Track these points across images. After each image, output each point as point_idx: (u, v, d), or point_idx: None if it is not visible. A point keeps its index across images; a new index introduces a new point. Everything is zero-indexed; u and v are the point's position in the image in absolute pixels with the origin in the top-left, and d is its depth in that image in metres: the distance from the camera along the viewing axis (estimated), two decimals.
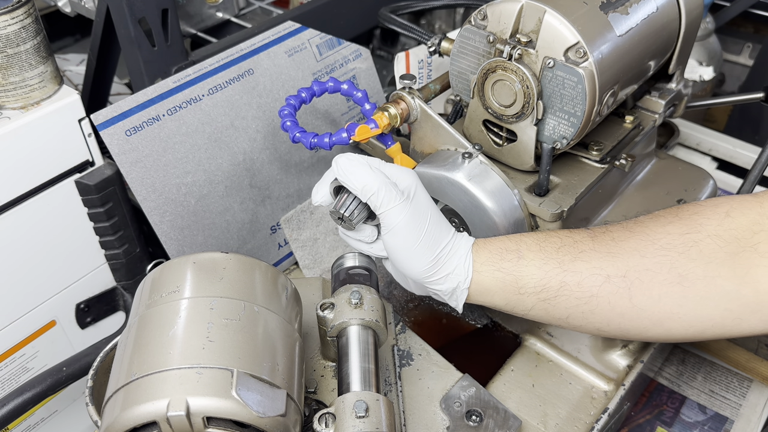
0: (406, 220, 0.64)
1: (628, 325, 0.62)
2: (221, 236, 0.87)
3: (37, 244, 0.80)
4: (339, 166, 0.65)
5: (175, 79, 0.83)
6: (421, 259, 0.66)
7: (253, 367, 0.55)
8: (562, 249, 0.64)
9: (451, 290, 0.67)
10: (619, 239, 0.63)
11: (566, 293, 0.62)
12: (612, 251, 0.62)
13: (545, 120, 0.73)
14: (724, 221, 0.59)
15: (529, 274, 0.64)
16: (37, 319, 0.84)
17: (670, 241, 0.60)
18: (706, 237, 0.59)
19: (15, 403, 0.73)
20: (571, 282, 0.62)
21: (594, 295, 0.61)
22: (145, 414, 0.51)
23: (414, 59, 1.02)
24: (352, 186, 0.65)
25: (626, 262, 0.61)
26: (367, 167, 0.65)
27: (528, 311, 0.65)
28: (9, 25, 0.70)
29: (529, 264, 0.64)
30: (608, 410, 0.76)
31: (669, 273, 0.59)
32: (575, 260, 0.63)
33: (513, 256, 0.65)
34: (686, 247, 0.59)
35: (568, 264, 0.63)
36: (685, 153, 1.23)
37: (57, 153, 0.78)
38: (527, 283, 0.64)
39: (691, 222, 0.61)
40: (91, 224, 0.84)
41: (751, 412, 0.82)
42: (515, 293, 0.65)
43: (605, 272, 0.61)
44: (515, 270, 0.64)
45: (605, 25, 0.70)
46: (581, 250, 0.63)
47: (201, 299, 0.58)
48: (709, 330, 0.60)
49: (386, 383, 0.73)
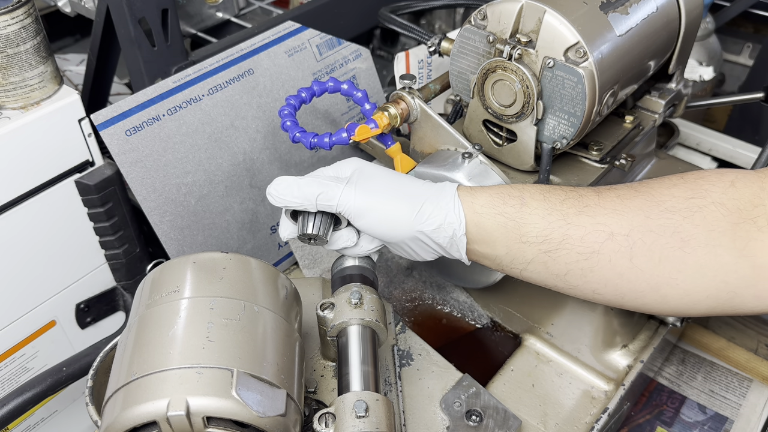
0: (363, 197, 0.64)
1: (625, 287, 0.61)
2: (221, 236, 0.87)
3: (37, 244, 0.80)
4: (272, 195, 0.65)
5: (175, 79, 0.83)
6: (402, 218, 0.64)
7: (253, 366, 0.55)
8: (566, 201, 0.62)
9: (449, 238, 0.64)
10: (625, 197, 0.61)
11: (568, 247, 0.61)
12: (617, 209, 0.61)
13: (545, 120, 0.73)
14: (728, 190, 0.58)
15: (532, 222, 0.62)
16: (37, 319, 0.84)
17: (675, 204, 0.59)
18: (711, 204, 0.58)
19: (15, 403, 0.73)
20: (574, 235, 0.61)
21: (595, 252, 0.60)
22: (145, 414, 0.51)
23: (414, 59, 1.02)
24: (294, 204, 0.65)
25: (630, 221, 0.60)
26: (294, 180, 0.65)
27: (527, 264, 0.64)
28: (9, 25, 0.70)
29: (533, 212, 0.62)
30: (608, 410, 0.76)
31: (671, 237, 0.58)
32: (579, 214, 0.61)
33: (516, 201, 0.63)
34: (690, 212, 0.58)
35: (573, 217, 0.61)
36: (685, 153, 1.23)
37: (57, 153, 0.78)
38: (529, 231, 0.62)
39: (696, 187, 0.60)
40: (91, 224, 0.84)
41: (751, 412, 0.82)
42: (517, 241, 0.63)
43: (609, 229, 0.60)
44: (518, 216, 0.63)
45: (605, 25, 0.70)
46: (586, 205, 0.62)
47: (201, 299, 0.58)
48: (703, 302, 0.59)
49: (386, 383, 0.73)
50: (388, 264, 0.94)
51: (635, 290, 0.61)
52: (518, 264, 0.64)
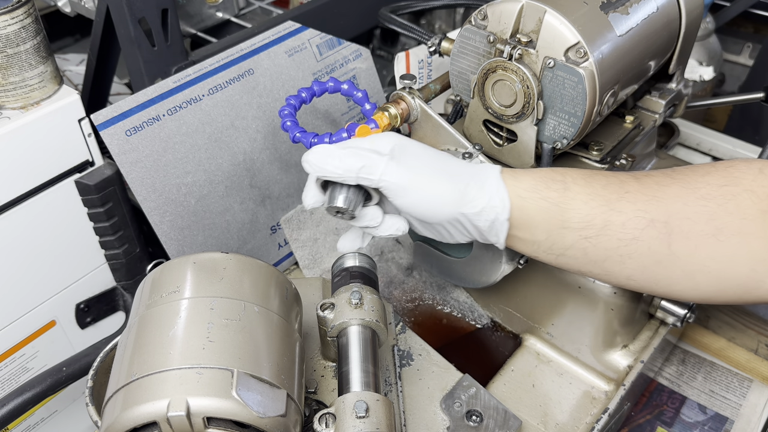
0: (407, 174, 0.62)
1: (661, 274, 0.61)
2: (221, 236, 0.87)
3: (37, 244, 0.80)
4: (311, 163, 0.63)
5: (175, 79, 0.83)
6: (446, 198, 0.63)
7: (253, 367, 0.55)
8: (608, 187, 0.62)
9: (491, 222, 0.63)
10: (663, 184, 0.62)
11: (609, 233, 0.61)
12: (657, 195, 0.61)
13: (545, 120, 0.73)
14: (758, 177, 0.59)
15: (575, 207, 0.61)
16: (37, 319, 0.84)
17: (710, 192, 0.60)
18: (743, 191, 0.59)
19: (15, 403, 0.73)
20: (615, 222, 0.61)
21: (635, 238, 0.60)
22: (146, 414, 0.51)
23: (414, 59, 1.02)
24: (333, 175, 0.62)
25: (669, 208, 0.60)
26: (335, 150, 0.63)
27: (565, 250, 0.63)
28: (9, 25, 0.70)
29: (576, 197, 0.62)
30: (608, 410, 0.76)
31: (707, 224, 0.59)
32: (621, 200, 0.61)
33: (559, 186, 0.62)
34: (725, 200, 0.59)
35: (615, 202, 0.61)
36: (685, 153, 1.23)
37: (57, 153, 0.78)
38: (572, 217, 0.61)
39: (728, 174, 0.60)
40: (91, 224, 0.84)
41: (751, 412, 0.82)
42: (559, 226, 0.62)
43: (649, 216, 0.60)
44: (561, 201, 0.62)
45: (605, 25, 0.70)
46: (627, 191, 0.62)
47: (201, 299, 0.58)
48: (731, 291, 0.60)
49: (386, 383, 0.73)
50: (388, 264, 0.94)
51: (669, 277, 0.61)
52: (556, 249, 0.64)
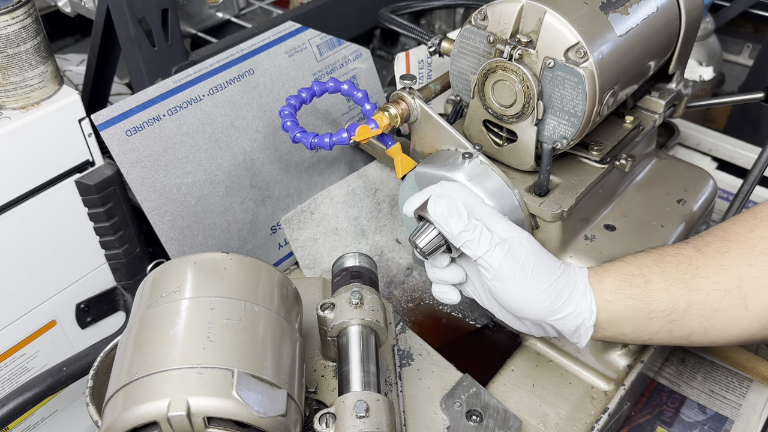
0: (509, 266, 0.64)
1: (742, 332, 0.64)
2: (221, 236, 0.87)
3: (38, 244, 0.80)
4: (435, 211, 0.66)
5: (175, 79, 0.83)
6: (539, 302, 0.64)
7: (253, 367, 0.55)
8: (680, 267, 0.64)
9: (575, 328, 0.65)
10: (722, 251, 0.64)
11: (692, 312, 0.63)
12: (722, 264, 0.63)
13: (545, 120, 0.73)
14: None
15: (658, 298, 0.64)
16: (37, 319, 0.84)
17: (766, 246, 0.62)
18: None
19: (15, 403, 0.73)
20: (696, 300, 0.63)
21: (716, 310, 0.62)
22: (146, 414, 0.51)
23: (414, 59, 1.02)
24: (445, 232, 0.66)
25: (737, 273, 0.62)
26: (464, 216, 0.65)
27: (654, 335, 0.65)
28: (9, 25, 0.70)
29: (657, 288, 0.64)
30: (608, 410, 0.76)
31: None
32: (696, 278, 0.63)
33: (639, 281, 0.64)
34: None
35: (690, 282, 0.63)
36: (685, 153, 1.23)
37: (57, 153, 0.78)
38: (657, 307, 0.64)
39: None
40: (91, 224, 0.84)
41: (751, 412, 0.82)
42: (645, 318, 0.64)
43: (723, 286, 0.62)
44: (645, 295, 0.64)
45: (605, 25, 0.70)
46: (697, 267, 0.64)
47: (201, 299, 0.58)
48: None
49: (386, 383, 0.73)
50: (388, 264, 0.94)
51: (750, 331, 0.64)
52: (644, 336, 0.66)
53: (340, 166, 0.98)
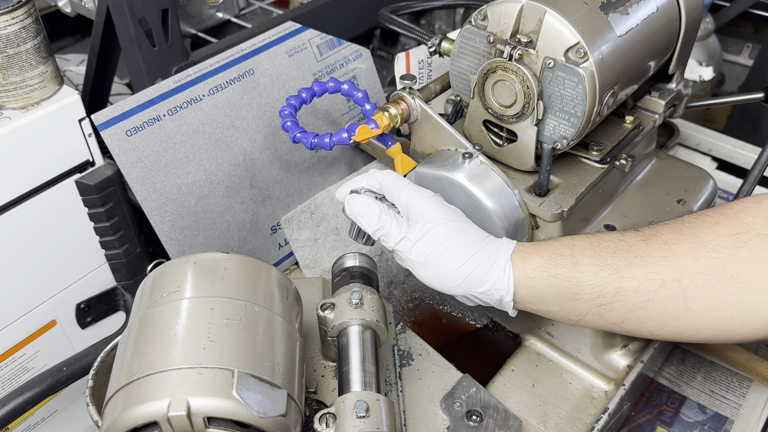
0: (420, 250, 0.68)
1: (681, 327, 0.63)
2: (222, 236, 0.87)
3: (38, 244, 0.80)
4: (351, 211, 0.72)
5: (175, 79, 0.83)
6: (455, 279, 0.67)
7: (253, 367, 0.55)
8: (617, 254, 0.64)
9: (497, 301, 0.67)
10: (671, 242, 0.63)
11: (623, 299, 0.63)
12: (666, 255, 0.62)
13: (545, 120, 0.73)
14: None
15: (586, 280, 0.64)
16: (37, 319, 0.84)
17: (720, 243, 0.61)
18: (755, 236, 0.59)
19: (15, 402, 0.73)
20: (627, 288, 0.62)
21: (650, 300, 0.62)
22: (146, 414, 0.51)
23: (414, 59, 1.02)
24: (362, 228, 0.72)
25: (680, 266, 0.61)
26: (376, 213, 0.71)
27: (582, 316, 0.65)
28: (9, 26, 0.70)
29: (585, 270, 0.64)
30: (608, 410, 0.76)
31: (722, 275, 0.60)
32: (631, 265, 0.63)
33: (568, 261, 0.65)
34: (736, 248, 0.60)
35: (624, 269, 0.63)
36: (685, 153, 1.23)
37: (57, 153, 0.78)
38: (583, 289, 0.64)
39: (738, 221, 0.61)
40: (91, 224, 0.84)
41: (751, 412, 0.82)
42: (571, 299, 0.64)
43: (661, 277, 0.61)
44: (571, 276, 0.64)
45: (605, 25, 0.70)
46: (636, 255, 0.63)
47: (202, 299, 0.58)
48: (760, 330, 0.60)
49: (386, 383, 0.73)
50: (389, 264, 0.94)
51: (692, 329, 0.63)
52: (573, 317, 0.66)
53: (340, 166, 0.98)
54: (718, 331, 0.62)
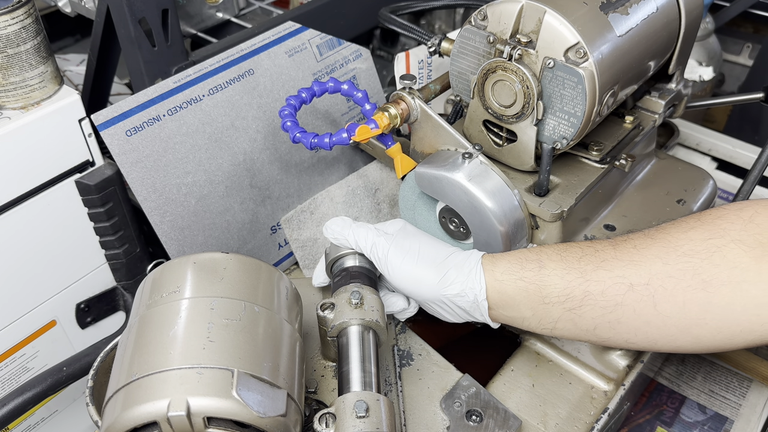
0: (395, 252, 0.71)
1: (655, 333, 0.62)
2: (221, 236, 0.87)
3: (38, 244, 0.80)
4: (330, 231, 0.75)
5: (175, 79, 0.83)
6: (428, 280, 0.68)
7: (253, 367, 0.55)
8: (583, 259, 0.64)
9: (471, 302, 0.67)
10: (641, 246, 0.63)
11: (591, 302, 0.62)
12: (634, 259, 0.62)
13: (545, 120, 0.73)
14: (747, 226, 0.59)
15: (552, 283, 0.64)
16: (37, 319, 0.84)
17: (692, 247, 0.60)
18: (730, 242, 0.59)
19: (15, 403, 0.73)
20: (594, 291, 0.62)
21: (619, 304, 0.61)
22: (146, 414, 0.51)
23: (414, 59, 1.02)
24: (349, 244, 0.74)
25: (649, 270, 0.61)
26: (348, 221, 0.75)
27: (555, 323, 0.65)
28: (9, 26, 0.70)
29: (551, 273, 0.64)
30: (608, 410, 0.76)
31: (692, 279, 0.59)
32: (597, 269, 0.63)
33: (534, 265, 0.65)
34: (709, 253, 0.59)
35: (591, 273, 0.63)
36: (685, 153, 1.23)
37: (57, 153, 0.78)
38: (551, 292, 0.64)
39: (714, 227, 0.60)
40: (91, 224, 0.84)
41: (751, 412, 0.82)
42: (540, 302, 0.65)
43: (628, 281, 0.61)
44: (537, 279, 0.65)
45: (605, 25, 0.70)
46: (603, 259, 0.63)
47: (201, 299, 0.58)
48: (738, 336, 0.60)
49: (386, 383, 0.73)
50: None
51: (666, 335, 0.62)
52: (546, 324, 0.66)
53: (340, 166, 0.98)
54: (694, 338, 0.61)
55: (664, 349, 0.64)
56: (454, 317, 0.72)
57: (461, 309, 0.69)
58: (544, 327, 0.66)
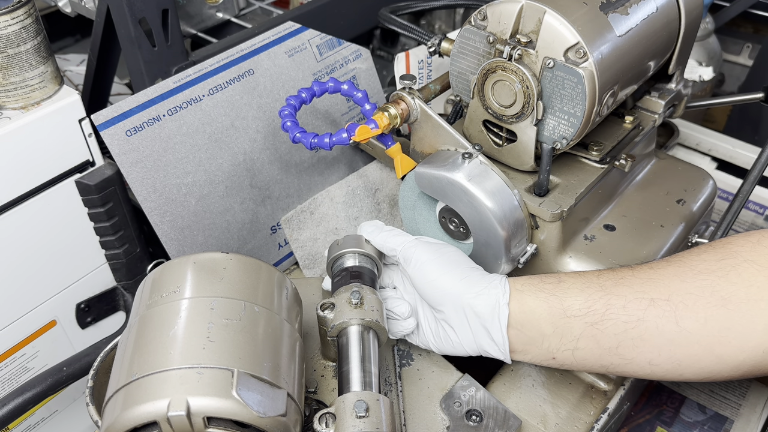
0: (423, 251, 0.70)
1: (679, 353, 0.61)
2: (221, 236, 0.87)
3: (38, 244, 0.80)
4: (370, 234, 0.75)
5: (175, 79, 0.83)
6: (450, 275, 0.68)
7: (253, 367, 0.55)
8: (602, 276, 0.65)
9: (491, 308, 0.66)
10: (657, 267, 0.63)
11: (613, 316, 0.62)
12: (652, 277, 0.63)
13: (545, 120, 0.73)
14: (756, 248, 0.60)
15: (572, 295, 0.64)
16: (37, 319, 0.84)
17: (707, 267, 0.61)
18: (743, 262, 0.59)
19: (15, 403, 0.73)
20: (616, 304, 0.62)
21: (641, 319, 0.61)
22: (146, 414, 0.51)
23: (414, 59, 1.02)
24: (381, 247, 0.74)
25: (668, 287, 0.61)
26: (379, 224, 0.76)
27: (576, 341, 0.64)
28: (9, 26, 0.70)
29: (571, 287, 0.64)
30: (608, 410, 0.76)
31: (712, 296, 0.59)
32: (617, 285, 0.63)
33: (553, 279, 0.66)
34: (724, 272, 0.60)
35: (611, 288, 0.63)
36: (685, 153, 1.23)
37: (57, 153, 0.78)
38: (572, 305, 0.63)
39: (725, 250, 0.61)
40: (91, 224, 0.84)
41: (750, 412, 0.82)
42: (562, 315, 0.64)
43: (649, 296, 0.61)
44: (557, 291, 0.64)
45: (605, 25, 0.70)
46: (621, 276, 0.64)
47: (201, 299, 0.58)
48: (762, 358, 0.59)
49: (386, 383, 0.73)
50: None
51: (690, 355, 0.61)
52: (567, 342, 0.65)
53: (340, 166, 0.98)
54: (717, 358, 0.61)
55: (688, 372, 0.63)
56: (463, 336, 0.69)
57: (476, 317, 0.66)
58: (566, 348, 0.65)
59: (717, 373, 0.62)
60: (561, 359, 0.66)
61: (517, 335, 0.66)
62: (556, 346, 0.65)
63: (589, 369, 0.67)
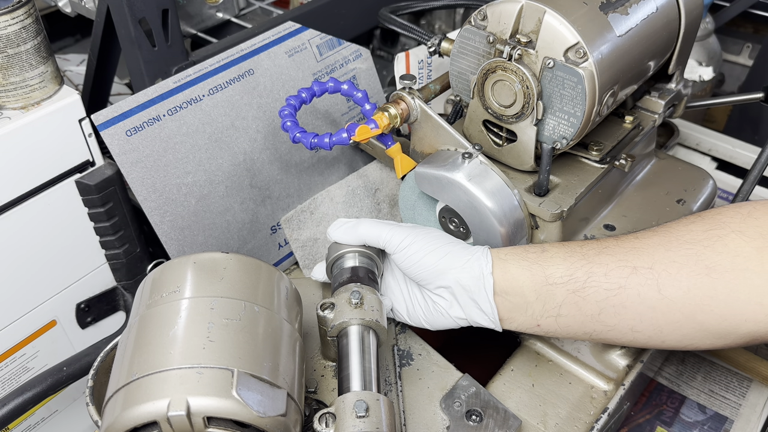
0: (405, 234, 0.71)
1: (661, 320, 0.62)
2: (221, 236, 0.87)
3: (38, 244, 0.80)
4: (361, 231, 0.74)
5: (175, 79, 0.83)
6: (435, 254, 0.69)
7: (253, 367, 0.55)
8: (585, 245, 0.65)
9: (475, 279, 0.66)
10: (643, 237, 0.64)
11: (594, 284, 0.63)
12: (636, 246, 0.63)
13: (545, 120, 0.73)
14: (746, 219, 0.60)
15: (555, 264, 0.64)
16: (37, 319, 0.84)
17: (694, 237, 0.61)
18: (731, 232, 0.59)
19: (15, 402, 0.73)
20: (598, 272, 0.63)
21: (622, 287, 0.62)
22: (146, 414, 0.51)
23: (414, 59, 1.02)
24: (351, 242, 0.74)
25: (652, 255, 0.61)
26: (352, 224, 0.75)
27: (559, 308, 0.65)
28: (9, 26, 0.70)
29: (554, 255, 0.65)
30: (608, 410, 0.76)
31: (696, 265, 0.59)
32: (600, 254, 0.63)
33: (536, 249, 0.67)
34: (711, 242, 0.60)
35: (593, 257, 0.63)
36: (685, 153, 1.23)
37: (57, 153, 0.78)
38: (554, 272, 0.64)
39: (714, 221, 0.61)
40: (91, 224, 0.84)
41: (750, 412, 0.82)
42: (544, 283, 0.65)
43: (631, 264, 0.62)
44: (541, 260, 0.65)
45: (605, 25, 0.70)
46: (605, 246, 0.64)
47: (201, 299, 0.58)
48: (743, 326, 0.59)
49: (386, 383, 0.73)
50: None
51: (671, 322, 0.62)
52: (550, 310, 0.65)
53: (340, 166, 0.98)
54: (699, 325, 0.61)
55: (670, 339, 0.63)
56: (453, 310, 0.70)
57: (463, 289, 0.68)
58: (549, 314, 0.66)
59: (699, 341, 0.63)
60: (545, 326, 0.67)
61: (502, 302, 0.67)
62: (540, 312, 0.66)
63: (573, 336, 0.67)
